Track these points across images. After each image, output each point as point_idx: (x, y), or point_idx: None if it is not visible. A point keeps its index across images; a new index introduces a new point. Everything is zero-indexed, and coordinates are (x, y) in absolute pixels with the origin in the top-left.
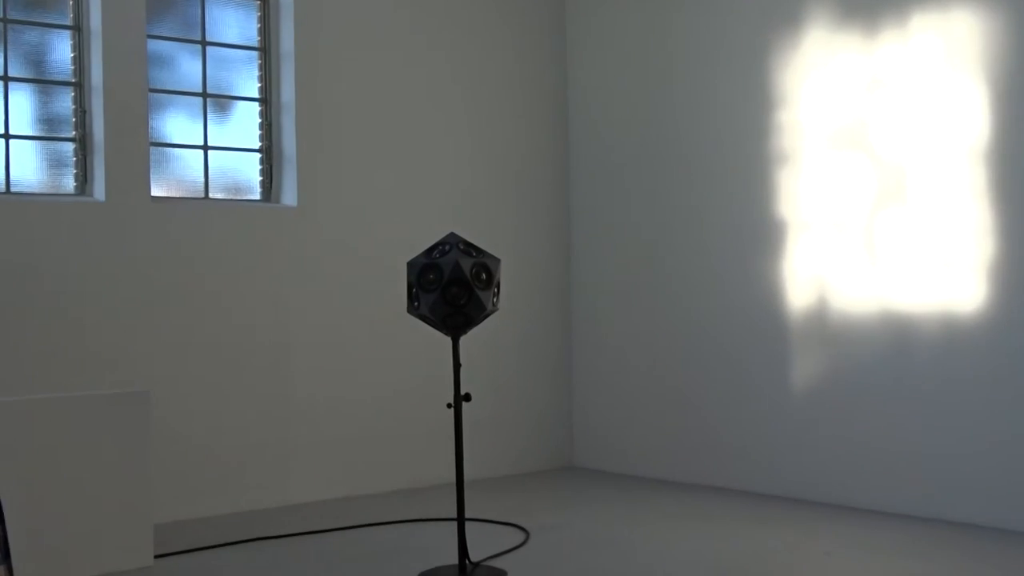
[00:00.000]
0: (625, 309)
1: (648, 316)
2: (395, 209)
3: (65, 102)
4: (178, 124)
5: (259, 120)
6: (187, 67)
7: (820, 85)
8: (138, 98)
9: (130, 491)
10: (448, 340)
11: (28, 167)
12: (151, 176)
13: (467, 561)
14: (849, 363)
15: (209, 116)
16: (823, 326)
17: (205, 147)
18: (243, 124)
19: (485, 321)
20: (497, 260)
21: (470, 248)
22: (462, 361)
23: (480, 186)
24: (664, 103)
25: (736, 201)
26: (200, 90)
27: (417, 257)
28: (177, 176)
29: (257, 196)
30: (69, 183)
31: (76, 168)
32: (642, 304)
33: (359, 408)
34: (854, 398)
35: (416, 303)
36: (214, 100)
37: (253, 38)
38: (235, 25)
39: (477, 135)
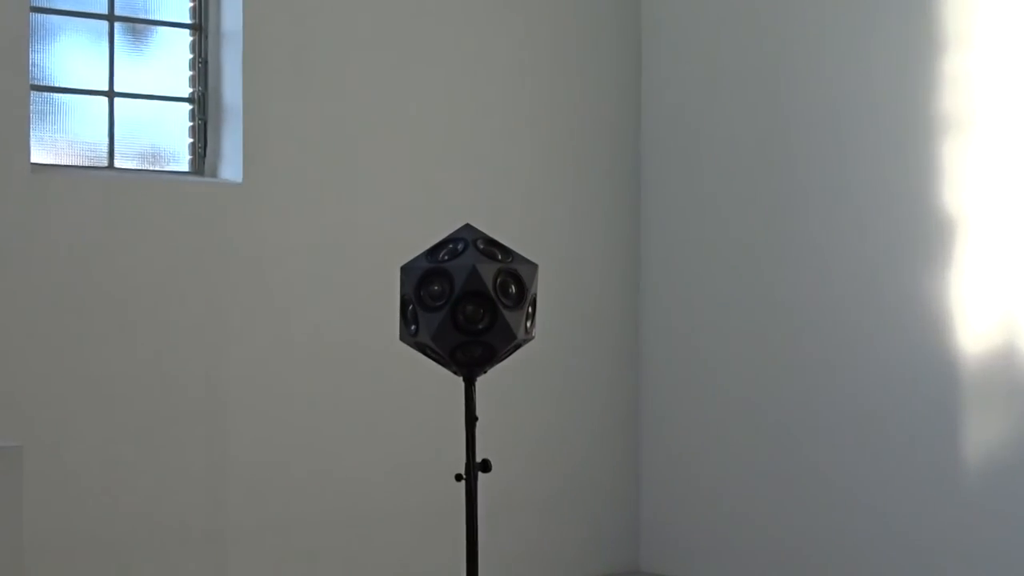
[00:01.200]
0: (714, 346)
1: (747, 358)
2: (385, 190)
3: None
4: (72, 59)
5: (190, 56)
6: None
7: (1007, 19)
8: (14, 20)
9: None
10: (459, 382)
11: None
12: (31, 134)
13: None
14: None
15: (118, 48)
16: (1012, 376)
17: (110, 93)
18: (167, 61)
19: (514, 355)
20: (533, 266)
21: (494, 247)
22: (479, 414)
23: (511, 161)
24: (775, 49)
25: (880, 190)
26: (105, 11)
27: (416, 259)
28: (70, 135)
29: (185, 167)
30: None
31: None
32: (738, 340)
33: (327, 479)
34: None
35: (413, 327)
36: (125, 25)
37: None
38: None
39: (511, 88)
